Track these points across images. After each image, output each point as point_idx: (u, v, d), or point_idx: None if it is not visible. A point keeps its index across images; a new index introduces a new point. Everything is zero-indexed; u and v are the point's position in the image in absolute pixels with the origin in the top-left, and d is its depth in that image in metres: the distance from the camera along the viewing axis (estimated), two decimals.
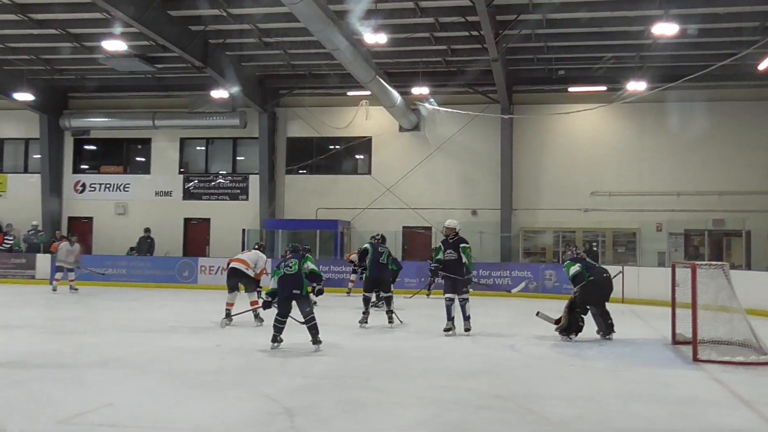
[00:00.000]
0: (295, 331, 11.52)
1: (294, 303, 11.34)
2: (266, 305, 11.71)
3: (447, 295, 13.39)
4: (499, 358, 10.64)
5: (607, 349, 11.96)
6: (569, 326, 12.70)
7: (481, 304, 20.39)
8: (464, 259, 13.22)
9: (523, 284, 18.23)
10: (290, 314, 11.32)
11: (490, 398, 7.88)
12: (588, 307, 12.97)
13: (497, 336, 13.33)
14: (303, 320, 11.27)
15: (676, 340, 12.27)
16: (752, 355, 10.34)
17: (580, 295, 12.87)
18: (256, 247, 15.94)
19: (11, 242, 27.87)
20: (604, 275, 13.24)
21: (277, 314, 11.32)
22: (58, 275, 22.61)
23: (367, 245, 15.93)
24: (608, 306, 13.21)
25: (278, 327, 11.27)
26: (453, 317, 13.24)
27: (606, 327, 13.00)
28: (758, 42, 19.43)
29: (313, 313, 11.34)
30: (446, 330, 13.17)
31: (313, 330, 11.23)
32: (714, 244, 24.77)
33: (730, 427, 6.91)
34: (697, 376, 9.51)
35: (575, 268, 13.06)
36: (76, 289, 22.32)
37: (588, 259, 13.66)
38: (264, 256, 15.32)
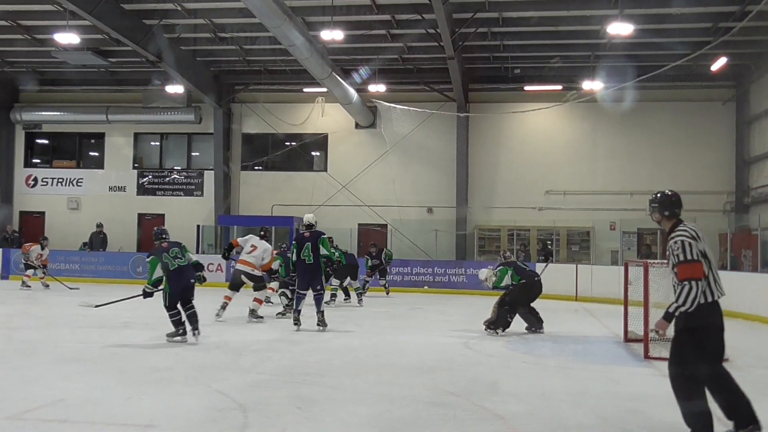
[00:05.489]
0: (248, 328, 11.46)
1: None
2: (147, 295, 11.55)
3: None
4: (453, 355, 10.64)
5: (559, 346, 12.04)
6: (497, 320, 13.07)
7: (435, 301, 20.49)
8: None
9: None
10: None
11: (442, 395, 7.88)
12: (517, 307, 13.33)
13: (451, 333, 13.35)
14: (184, 307, 11.32)
15: (628, 338, 12.39)
16: None
17: (512, 294, 13.26)
18: (262, 233, 15.76)
19: None
20: (535, 278, 13.58)
21: (173, 310, 11.29)
22: (29, 272, 22.35)
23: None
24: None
25: (180, 320, 11.26)
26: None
27: (536, 321, 13.57)
28: (711, 43, 19.67)
29: (193, 300, 11.40)
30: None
31: (194, 318, 11.30)
32: (666, 243, 24.93)
33: (680, 424, 6.95)
34: (648, 373, 9.59)
35: (507, 279, 13.33)
36: (47, 285, 22.07)
37: (519, 263, 14.05)
38: (269, 246, 15.31)
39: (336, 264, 15.01)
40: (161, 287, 11.41)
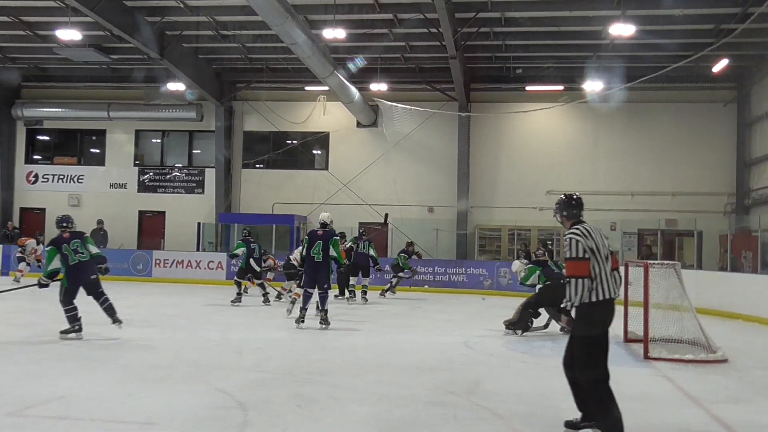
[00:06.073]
0: (251, 326, 11.44)
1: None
2: (42, 286, 11.48)
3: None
4: (453, 355, 10.66)
5: (559, 346, 11.96)
6: (518, 322, 13.00)
7: (436, 301, 20.48)
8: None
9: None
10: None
11: (442, 394, 7.90)
12: (540, 309, 13.24)
13: (451, 333, 13.36)
14: (98, 302, 11.33)
15: (627, 338, 12.40)
16: (701, 354, 10.50)
17: (536, 296, 13.18)
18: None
19: None
20: (562, 281, 13.41)
21: (69, 306, 11.18)
22: (22, 265, 22.36)
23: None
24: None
25: (76, 316, 11.19)
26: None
27: None
28: (713, 44, 19.67)
29: (105, 293, 11.36)
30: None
31: (111, 309, 11.32)
32: (666, 244, 25.03)
33: (679, 424, 6.99)
34: (647, 373, 9.61)
35: (534, 279, 13.42)
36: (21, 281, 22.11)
37: (550, 263, 13.88)
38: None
39: (342, 266, 15.22)
40: (58, 279, 11.27)
